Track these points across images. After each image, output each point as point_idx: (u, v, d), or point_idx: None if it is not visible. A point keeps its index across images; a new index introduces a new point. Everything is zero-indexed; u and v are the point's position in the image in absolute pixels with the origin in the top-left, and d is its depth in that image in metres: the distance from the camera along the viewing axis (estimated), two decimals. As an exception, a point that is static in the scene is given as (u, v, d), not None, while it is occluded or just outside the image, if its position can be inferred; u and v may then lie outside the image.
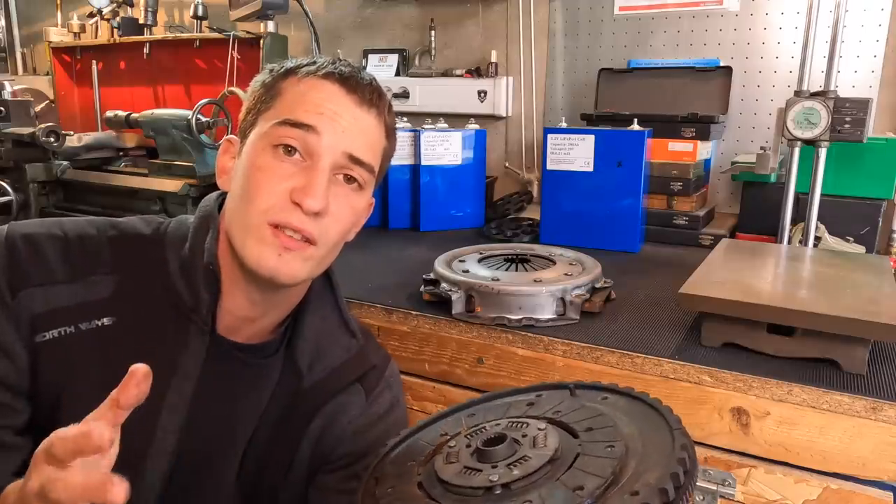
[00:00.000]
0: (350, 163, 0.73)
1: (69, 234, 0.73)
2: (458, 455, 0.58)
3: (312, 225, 0.71)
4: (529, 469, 0.53)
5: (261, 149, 0.72)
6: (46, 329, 0.69)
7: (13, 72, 3.09)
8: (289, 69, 0.75)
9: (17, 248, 0.70)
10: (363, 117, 0.74)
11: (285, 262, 0.71)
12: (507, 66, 2.07)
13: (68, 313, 0.70)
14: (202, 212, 0.79)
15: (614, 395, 0.65)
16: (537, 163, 2.04)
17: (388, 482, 0.59)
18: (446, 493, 0.55)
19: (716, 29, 1.77)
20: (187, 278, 0.74)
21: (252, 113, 0.76)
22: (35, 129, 1.70)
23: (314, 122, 0.71)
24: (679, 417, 0.57)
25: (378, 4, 2.24)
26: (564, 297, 1.03)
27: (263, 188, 0.70)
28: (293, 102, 0.73)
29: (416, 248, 1.54)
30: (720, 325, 0.94)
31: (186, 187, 1.61)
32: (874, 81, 1.60)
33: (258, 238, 0.70)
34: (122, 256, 0.74)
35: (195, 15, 2.17)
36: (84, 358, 0.70)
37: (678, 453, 0.51)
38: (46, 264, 0.70)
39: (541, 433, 0.57)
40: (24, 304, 0.68)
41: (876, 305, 0.87)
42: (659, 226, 1.59)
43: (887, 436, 0.79)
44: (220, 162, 0.79)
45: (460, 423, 0.66)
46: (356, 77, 0.75)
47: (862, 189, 1.41)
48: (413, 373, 1.10)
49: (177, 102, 2.29)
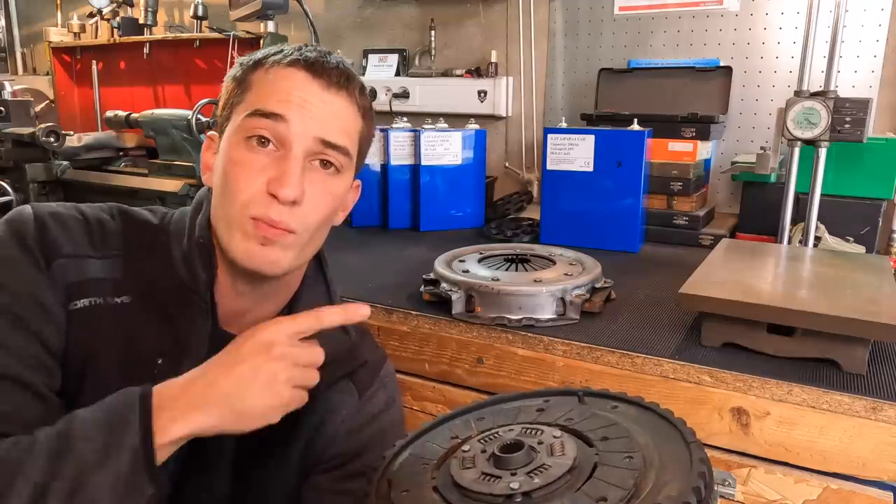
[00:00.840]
0: (324, 147, 0.74)
1: (88, 216, 0.75)
2: (473, 460, 0.58)
3: (289, 215, 0.72)
4: (550, 478, 0.52)
5: (235, 143, 0.73)
6: (79, 297, 0.70)
7: (13, 72, 3.10)
8: (257, 61, 0.76)
9: (46, 223, 0.71)
10: (332, 101, 0.74)
11: (268, 253, 0.72)
12: (507, 66, 2.07)
13: (98, 284, 0.72)
14: (196, 199, 0.81)
15: (624, 403, 0.65)
16: (537, 163, 2.04)
17: (401, 486, 0.59)
18: (464, 498, 0.54)
19: (716, 29, 1.77)
20: (188, 264, 0.75)
21: (226, 108, 0.77)
22: (35, 129, 1.70)
23: (282, 110, 0.71)
24: (693, 430, 0.57)
25: (378, 4, 2.24)
26: (564, 297, 1.03)
27: (241, 182, 0.71)
28: (262, 93, 0.73)
29: (416, 248, 1.54)
30: (720, 325, 0.94)
31: (186, 187, 1.61)
32: (874, 81, 1.60)
33: (243, 233, 0.72)
34: (132, 241, 0.76)
35: (195, 15, 2.17)
36: (108, 330, 0.71)
37: (698, 467, 0.50)
38: (75, 239, 0.72)
39: (557, 441, 0.57)
40: (59, 273, 0.70)
41: (876, 305, 0.87)
42: (659, 226, 1.59)
43: (887, 436, 0.79)
44: (204, 158, 0.81)
45: (470, 426, 0.66)
46: (322, 61, 0.74)
47: (862, 189, 1.41)
48: (413, 373, 1.10)
49: (177, 102, 2.30)
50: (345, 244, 1.57)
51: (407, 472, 0.61)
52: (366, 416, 0.85)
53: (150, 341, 0.73)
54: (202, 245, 0.75)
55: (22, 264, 0.68)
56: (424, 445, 0.66)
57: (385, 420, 0.87)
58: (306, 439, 0.82)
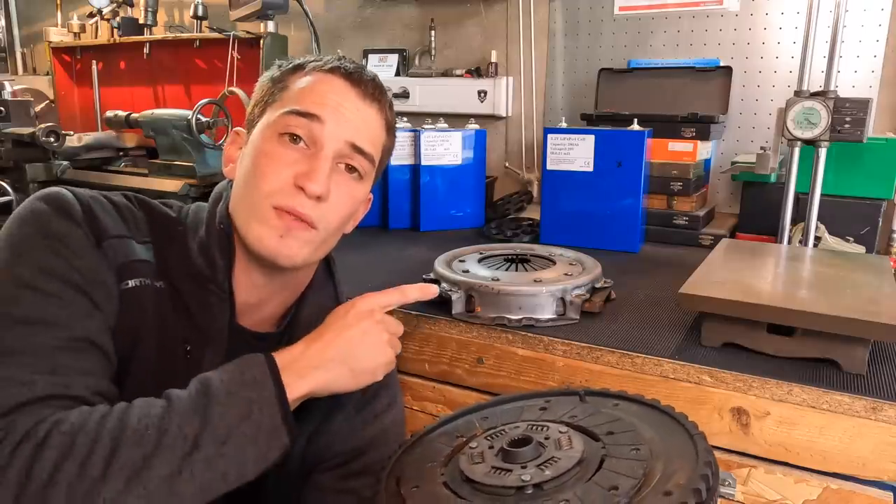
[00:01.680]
0: (352, 151, 0.77)
1: (117, 203, 0.76)
2: (482, 456, 0.58)
3: (312, 209, 0.74)
4: (560, 469, 0.53)
5: (267, 137, 0.76)
6: (129, 277, 0.71)
7: (13, 72, 3.10)
8: (297, 65, 0.80)
9: (89, 205, 0.72)
10: (365, 109, 0.78)
11: (286, 244, 0.74)
12: (507, 66, 2.07)
13: (142, 267, 0.73)
14: (216, 191, 0.83)
15: (625, 401, 0.66)
16: (537, 163, 2.04)
17: (410, 483, 0.59)
18: (476, 492, 0.55)
19: (716, 29, 1.77)
20: (204, 252, 0.76)
21: (259, 105, 0.80)
22: (35, 129, 1.70)
23: (319, 111, 0.75)
24: (696, 423, 0.57)
25: (378, 4, 2.24)
26: (564, 297, 1.03)
27: (269, 173, 0.74)
28: (299, 94, 0.77)
29: (416, 248, 1.54)
30: (720, 325, 0.94)
31: (186, 187, 1.61)
32: (874, 81, 1.60)
33: (261, 220, 0.74)
34: (157, 229, 0.77)
35: (195, 15, 2.17)
36: (151, 313, 0.72)
37: (704, 456, 0.51)
38: (116, 221, 0.73)
39: (563, 436, 0.58)
40: (109, 253, 0.70)
41: (876, 305, 0.87)
42: (659, 226, 1.59)
43: (887, 436, 0.79)
44: (227, 152, 0.83)
45: (474, 425, 0.66)
46: (360, 72, 0.79)
47: (862, 189, 1.41)
48: (413, 373, 1.10)
49: (177, 102, 2.30)
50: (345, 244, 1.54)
51: (415, 470, 0.62)
52: (367, 415, 0.86)
53: (179, 328, 0.74)
54: (222, 232, 0.77)
55: (77, 240, 0.68)
56: (430, 444, 0.66)
57: (387, 419, 0.87)
58: (308, 437, 0.82)
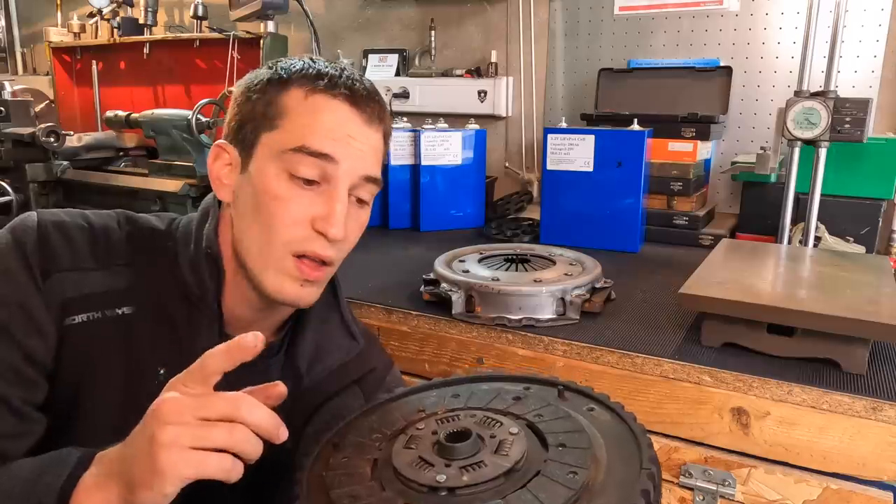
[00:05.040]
0: (365, 182, 0.75)
1: (94, 225, 0.75)
2: (419, 442, 0.57)
3: (332, 250, 0.73)
4: (480, 478, 0.51)
5: (274, 175, 0.71)
6: (76, 313, 0.70)
7: (13, 72, 3.10)
8: (280, 78, 0.72)
9: (49, 233, 0.71)
10: (373, 136, 0.75)
11: (307, 291, 0.74)
12: (507, 66, 2.07)
13: (96, 299, 0.71)
14: (202, 208, 0.80)
15: (602, 407, 0.63)
16: (537, 163, 2.04)
17: (345, 451, 0.59)
18: (394, 479, 0.54)
19: (716, 29, 1.77)
20: (194, 270, 0.75)
21: (250, 125, 0.73)
22: (35, 129, 1.70)
23: (331, 150, 0.70)
24: (655, 455, 0.54)
25: (378, 4, 2.24)
26: (564, 297, 1.03)
27: (284, 219, 0.71)
28: (304, 126, 0.71)
29: (416, 248, 1.54)
30: (720, 325, 0.94)
31: (186, 187, 1.61)
32: (874, 81, 1.60)
33: (279, 269, 0.72)
34: (138, 249, 0.76)
35: (195, 15, 2.17)
36: (106, 344, 0.71)
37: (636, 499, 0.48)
38: (76, 251, 0.72)
39: (510, 438, 0.56)
40: (56, 288, 0.69)
41: (876, 305, 0.87)
42: (659, 226, 1.59)
43: (887, 436, 0.79)
44: (214, 170, 0.77)
45: (441, 402, 0.65)
46: (360, 91, 0.73)
47: (862, 189, 1.41)
48: (413, 373, 1.10)
49: (177, 102, 2.29)
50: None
51: (356, 439, 0.61)
52: None
53: (153, 351, 0.72)
54: (209, 255, 0.75)
55: (17, 275, 0.68)
56: (388, 413, 0.66)
57: None
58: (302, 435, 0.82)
